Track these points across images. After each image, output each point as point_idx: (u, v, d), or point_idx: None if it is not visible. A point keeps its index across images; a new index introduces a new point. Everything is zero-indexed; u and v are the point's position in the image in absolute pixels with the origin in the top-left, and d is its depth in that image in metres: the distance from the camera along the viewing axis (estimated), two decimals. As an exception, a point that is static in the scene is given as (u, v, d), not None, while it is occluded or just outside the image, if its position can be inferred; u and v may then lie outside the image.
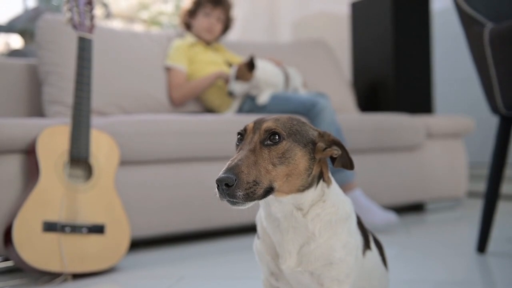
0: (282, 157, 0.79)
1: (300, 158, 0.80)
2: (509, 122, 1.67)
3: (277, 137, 0.79)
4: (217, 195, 0.76)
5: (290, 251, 0.84)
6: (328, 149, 0.84)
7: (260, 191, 0.76)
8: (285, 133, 0.80)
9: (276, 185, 0.78)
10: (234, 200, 0.74)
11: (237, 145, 0.84)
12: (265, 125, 0.81)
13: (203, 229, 2.07)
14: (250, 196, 0.75)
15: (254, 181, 0.75)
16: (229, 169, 0.75)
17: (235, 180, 0.74)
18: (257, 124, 0.82)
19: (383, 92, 3.03)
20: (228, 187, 0.73)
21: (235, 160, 0.77)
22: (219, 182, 0.74)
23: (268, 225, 0.86)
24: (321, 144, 0.84)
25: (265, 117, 0.84)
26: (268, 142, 0.79)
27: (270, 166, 0.78)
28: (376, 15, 3.06)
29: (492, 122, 2.92)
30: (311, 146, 0.83)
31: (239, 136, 0.85)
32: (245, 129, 0.83)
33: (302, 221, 0.83)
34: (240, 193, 0.74)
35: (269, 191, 0.77)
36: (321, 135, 0.85)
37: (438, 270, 1.58)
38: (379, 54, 3.03)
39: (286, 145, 0.79)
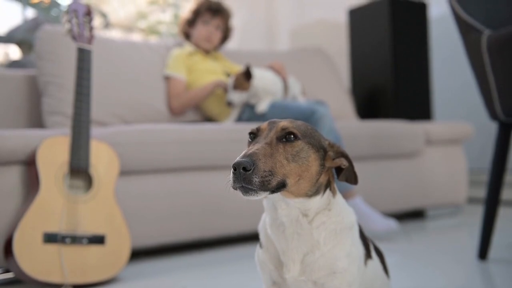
0: (296, 155, 0.80)
1: (313, 161, 0.82)
2: (508, 129, 1.67)
3: (292, 137, 0.81)
4: (230, 181, 0.76)
5: (294, 260, 0.84)
6: (337, 159, 0.86)
7: (274, 182, 0.76)
8: (300, 134, 0.81)
9: (288, 182, 0.78)
10: (249, 187, 0.74)
11: (249, 142, 0.85)
12: (282, 124, 0.82)
13: (204, 238, 2.06)
14: (264, 185, 0.75)
15: (270, 171, 0.76)
16: (247, 155, 0.75)
17: (253, 165, 0.74)
18: (272, 123, 0.84)
19: (382, 99, 3.04)
20: (245, 171, 0.74)
21: (252, 149, 0.77)
22: (237, 165, 0.74)
23: (272, 232, 0.86)
24: (331, 153, 0.86)
25: (278, 119, 0.85)
26: (284, 139, 0.81)
27: (285, 161, 0.78)
28: (374, 22, 3.08)
29: (491, 127, 2.92)
30: (322, 152, 0.84)
31: (251, 135, 0.85)
32: (257, 128, 0.85)
33: (307, 228, 0.84)
34: (256, 179, 0.74)
35: (281, 186, 0.78)
36: (331, 145, 0.87)
37: (439, 277, 1.58)
38: (377, 61, 3.04)
39: (301, 145, 0.81)
